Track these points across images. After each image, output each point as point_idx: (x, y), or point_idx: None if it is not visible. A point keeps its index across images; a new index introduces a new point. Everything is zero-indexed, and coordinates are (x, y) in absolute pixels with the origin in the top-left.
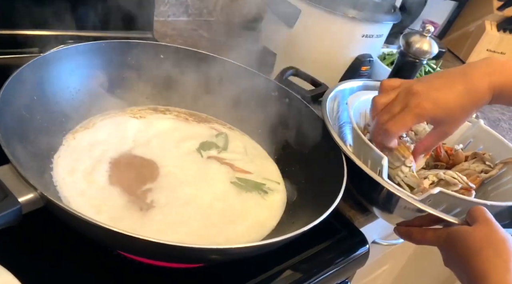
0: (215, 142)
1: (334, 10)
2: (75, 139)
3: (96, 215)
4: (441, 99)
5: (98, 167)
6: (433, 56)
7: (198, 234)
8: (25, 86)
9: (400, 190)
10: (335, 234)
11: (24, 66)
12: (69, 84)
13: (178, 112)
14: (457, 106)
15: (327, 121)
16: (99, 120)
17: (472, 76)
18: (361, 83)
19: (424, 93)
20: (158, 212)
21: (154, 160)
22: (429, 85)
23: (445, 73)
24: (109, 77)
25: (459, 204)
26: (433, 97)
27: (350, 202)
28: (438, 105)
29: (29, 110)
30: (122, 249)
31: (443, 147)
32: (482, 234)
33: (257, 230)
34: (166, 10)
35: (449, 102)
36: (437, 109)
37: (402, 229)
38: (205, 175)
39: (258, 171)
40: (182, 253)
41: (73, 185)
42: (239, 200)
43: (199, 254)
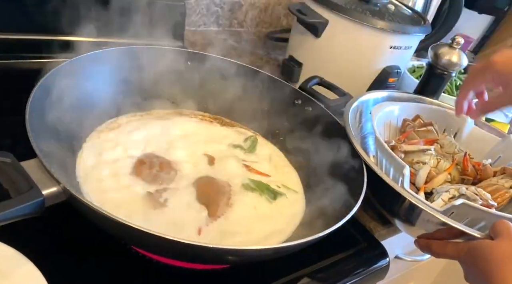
0: (242, 145)
1: (362, 21)
2: (99, 138)
3: (114, 210)
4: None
5: (119, 165)
6: (463, 69)
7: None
8: (57, 87)
9: (422, 201)
10: (354, 245)
11: (57, 67)
12: (99, 86)
13: (203, 116)
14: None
15: (349, 130)
16: (124, 121)
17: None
18: (386, 94)
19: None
20: (169, 211)
21: (174, 161)
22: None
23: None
24: (137, 81)
25: (483, 217)
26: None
27: (371, 213)
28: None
29: (59, 109)
30: (138, 245)
31: (471, 161)
32: (505, 248)
33: (272, 235)
34: (197, 20)
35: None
36: (503, 65)
37: (422, 241)
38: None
39: (277, 177)
40: (197, 252)
41: (95, 181)
42: (252, 204)
43: (213, 254)
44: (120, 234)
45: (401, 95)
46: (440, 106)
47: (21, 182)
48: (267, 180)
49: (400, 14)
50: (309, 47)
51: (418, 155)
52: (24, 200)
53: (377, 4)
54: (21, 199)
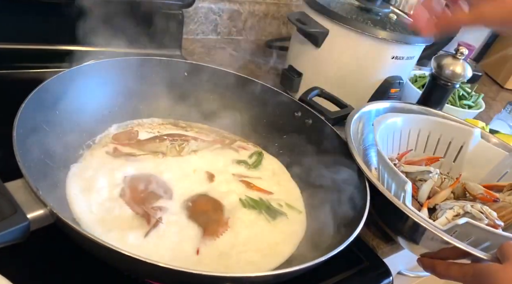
0: (247, 161)
1: (363, 31)
2: (92, 156)
3: (105, 234)
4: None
5: (112, 185)
6: (467, 80)
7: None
8: (48, 100)
9: (424, 219)
10: (357, 264)
11: (48, 80)
12: (93, 99)
13: (200, 129)
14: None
15: (350, 143)
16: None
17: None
18: (388, 105)
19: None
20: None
21: (170, 179)
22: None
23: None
24: (132, 92)
25: (488, 237)
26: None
27: (374, 230)
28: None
29: (50, 124)
30: (131, 272)
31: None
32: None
33: (272, 256)
34: (196, 28)
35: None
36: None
37: (426, 261)
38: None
39: (280, 195)
40: (193, 279)
41: (85, 201)
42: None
43: (210, 281)
44: (110, 260)
45: (404, 106)
46: (445, 118)
47: (4, 205)
48: (269, 198)
49: (402, 24)
50: (309, 57)
51: (422, 173)
52: (6, 226)
53: (379, 14)
54: (4, 224)
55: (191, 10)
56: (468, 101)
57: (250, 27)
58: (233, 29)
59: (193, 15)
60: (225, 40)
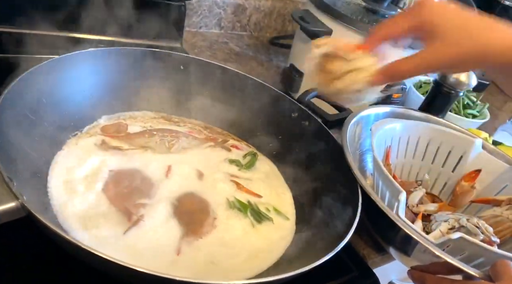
0: (240, 161)
1: (367, 32)
2: (77, 145)
3: (83, 229)
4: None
5: (96, 178)
6: (472, 88)
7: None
8: (35, 87)
9: (416, 232)
10: (346, 273)
11: (35, 67)
12: (83, 88)
13: (193, 125)
14: (465, 21)
15: (346, 148)
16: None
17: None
18: (388, 110)
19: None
20: (146, 230)
21: (156, 175)
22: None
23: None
24: (124, 84)
25: (482, 254)
26: (445, 4)
27: (366, 238)
28: (444, 10)
29: (36, 112)
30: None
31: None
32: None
33: (254, 262)
34: (199, 21)
35: (458, 14)
36: (444, 10)
37: (416, 273)
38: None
39: (269, 199)
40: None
41: (66, 194)
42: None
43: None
44: (82, 259)
45: (405, 111)
46: (446, 126)
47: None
48: (258, 201)
49: None
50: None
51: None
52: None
53: (385, 16)
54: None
55: (194, 3)
56: (473, 110)
57: (254, 23)
58: (237, 24)
59: (197, 8)
60: (228, 35)
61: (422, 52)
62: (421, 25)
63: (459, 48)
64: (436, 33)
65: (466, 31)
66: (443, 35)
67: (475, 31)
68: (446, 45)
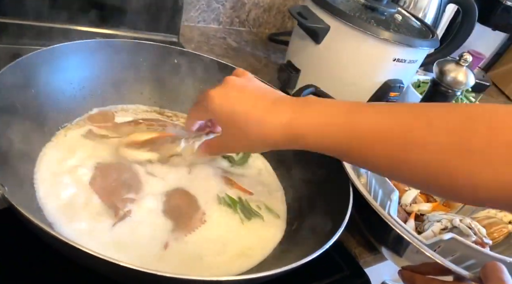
0: (233, 156)
1: (365, 30)
2: (65, 137)
3: (68, 223)
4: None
5: (82, 170)
6: (469, 88)
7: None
8: (24, 77)
9: (408, 231)
10: (337, 272)
11: (25, 56)
12: (74, 79)
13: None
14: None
15: None
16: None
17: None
18: None
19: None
20: (131, 223)
21: (144, 169)
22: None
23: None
24: (116, 76)
25: (473, 255)
26: (223, 98)
27: (359, 238)
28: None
29: (24, 103)
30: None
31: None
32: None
33: (242, 259)
34: (197, 15)
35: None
36: (220, 107)
37: (406, 273)
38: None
39: (260, 196)
40: (154, 280)
41: (52, 186)
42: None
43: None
44: (64, 252)
45: None
46: None
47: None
48: (249, 198)
49: (407, 25)
50: (308, 53)
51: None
52: None
53: (384, 13)
54: None
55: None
56: None
57: (253, 19)
58: (236, 20)
59: (195, 2)
60: (226, 30)
61: (219, 137)
62: (211, 117)
63: (237, 142)
64: (221, 125)
65: (236, 128)
66: (224, 130)
67: (244, 128)
68: (230, 136)
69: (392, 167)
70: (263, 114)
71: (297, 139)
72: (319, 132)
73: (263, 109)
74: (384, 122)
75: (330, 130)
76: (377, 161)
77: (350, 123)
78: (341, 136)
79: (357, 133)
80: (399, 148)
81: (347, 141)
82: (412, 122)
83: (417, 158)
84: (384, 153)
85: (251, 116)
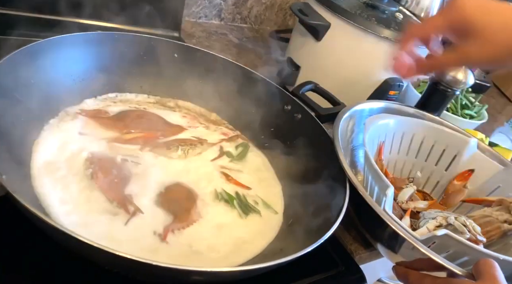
0: (231, 152)
1: (366, 28)
2: (61, 127)
3: (63, 215)
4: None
5: (78, 161)
6: (469, 88)
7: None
8: (24, 67)
9: (402, 227)
10: (332, 267)
11: (23, 47)
12: (74, 71)
13: (188, 110)
14: (505, 19)
15: (337, 142)
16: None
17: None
18: (383, 105)
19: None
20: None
21: (144, 161)
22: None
23: None
24: (116, 69)
25: (466, 252)
26: (480, 2)
27: (355, 234)
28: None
29: (24, 92)
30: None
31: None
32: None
33: (240, 252)
34: (198, 11)
35: (498, 11)
36: (479, 10)
37: (400, 269)
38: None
39: (258, 191)
40: (156, 271)
41: (47, 176)
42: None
43: (174, 274)
44: (62, 242)
45: (400, 107)
46: (441, 125)
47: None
48: (246, 193)
49: (407, 24)
50: (308, 50)
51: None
52: None
53: (385, 12)
54: None
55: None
56: (471, 111)
57: (255, 16)
58: (238, 16)
59: None
60: (228, 26)
61: (463, 47)
62: (459, 22)
63: (500, 46)
64: (475, 30)
65: (507, 29)
66: (483, 33)
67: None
68: (487, 42)
69: None
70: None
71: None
72: None
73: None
74: None
75: None
76: None
77: None
78: None
79: None
80: None
81: None
82: None
83: None
84: None
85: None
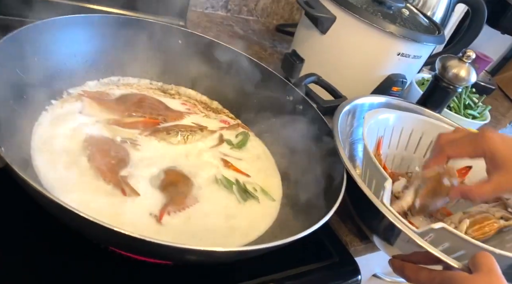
0: (231, 140)
1: (371, 22)
2: (63, 108)
3: (62, 194)
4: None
5: (77, 143)
6: (473, 89)
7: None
8: (28, 46)
9: (399, 219)
10: (326, 258)
11: (29, 25)
12: (77, 52)
13: (188, 98)
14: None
15: (336, 134)
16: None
17: None
18: (383, 100)
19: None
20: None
21: (143, 145)
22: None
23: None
24: (120, 53)
25: (463, 246)
26: (503, 136)
27: (351, 226)
28: (507, 142)
29: (27, 70)
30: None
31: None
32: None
33: (235, 236)
34: (205, 1)
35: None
36: (503, 144)
37: (396, 262)
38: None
39: (257, 179)
40: (151, 248)
41: (47, 156)
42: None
43: (170, 252)
44: (60, 216)
45: (400, 103)
46: (440, 121)
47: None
48: (245, 180)
49: (413, 21)
50: (313, 43)
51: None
52: None
53: (391, 7)
54: None
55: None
56: (473, 111)
57: (262, 8)
58: (244, 8)
59: None
60: (234, 18)
61: (494, 178)
62: (484, 154)
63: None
64: (500, 164)
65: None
66: (507, 166)
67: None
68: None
69: None
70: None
71: None
72: None
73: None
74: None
75: None
76: None
77: None
78: None
79: None
80: None
81: None
82: None
83: None
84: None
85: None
